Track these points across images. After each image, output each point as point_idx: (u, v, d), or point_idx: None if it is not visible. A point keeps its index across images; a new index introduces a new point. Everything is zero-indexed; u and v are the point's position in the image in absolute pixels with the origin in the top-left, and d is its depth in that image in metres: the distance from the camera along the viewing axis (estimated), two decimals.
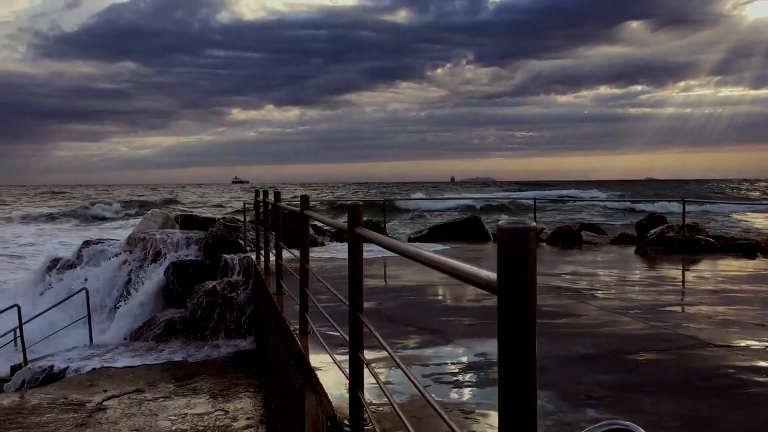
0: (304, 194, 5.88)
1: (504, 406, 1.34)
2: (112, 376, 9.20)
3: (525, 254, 1.32)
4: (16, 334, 11.07)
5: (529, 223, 1.33)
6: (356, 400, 3.54)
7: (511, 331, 1.33)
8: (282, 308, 7.08)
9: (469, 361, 5.17)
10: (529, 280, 1.32)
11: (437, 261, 1.86)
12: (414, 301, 7.91)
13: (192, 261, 12.90)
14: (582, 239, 16.17)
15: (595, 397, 4.23)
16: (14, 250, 30.02)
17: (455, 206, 47.38)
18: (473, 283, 1.56)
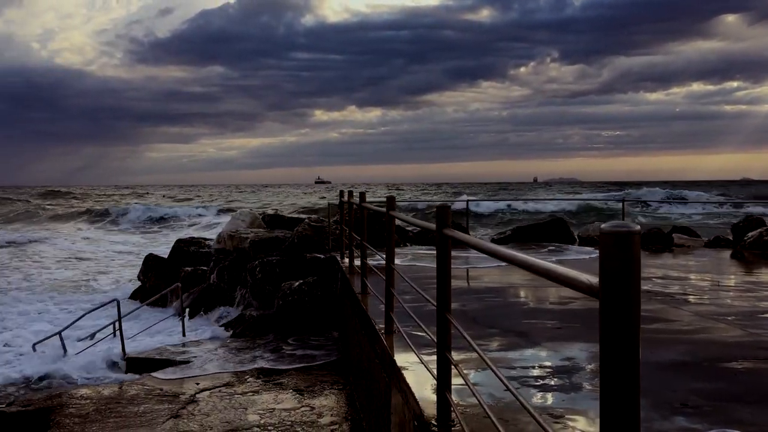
0: (390, 195, 5.94)
1: (606, 413, 1.33)
2: (204, 369, 9.54)
3: (629, 258, 1.30)
4: (116, 327, 11.64)
5: (633, 227, 1.31)
6: (444, 400, 3.55)
7: (614, 337, 1.32)
8: (367, 307, 7.17)
9: (555, 365, 5.09)
10: (633, 285, 1.30)
11: (533, 263, 1.86)
12: (498, 303, 7.84)
13: (278, 260, 13.21)
14: (673, 242, 15.59)
15: (691, 405, 4.09)
16: (125, 248, 31.70)
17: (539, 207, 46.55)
18: (572, 286, 1.55)
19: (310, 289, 11.81)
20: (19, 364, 11.35)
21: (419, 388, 4.30)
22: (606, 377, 1.33)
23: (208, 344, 11.25)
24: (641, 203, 46.01)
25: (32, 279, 21.53)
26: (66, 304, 17.38)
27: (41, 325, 13.63)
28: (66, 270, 23.95)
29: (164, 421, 7.54)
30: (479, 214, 44.15)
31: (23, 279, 21.54)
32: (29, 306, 17.10)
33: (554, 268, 1.67)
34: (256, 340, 11.25)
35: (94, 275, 22.46)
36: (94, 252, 29.93)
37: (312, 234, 13.90)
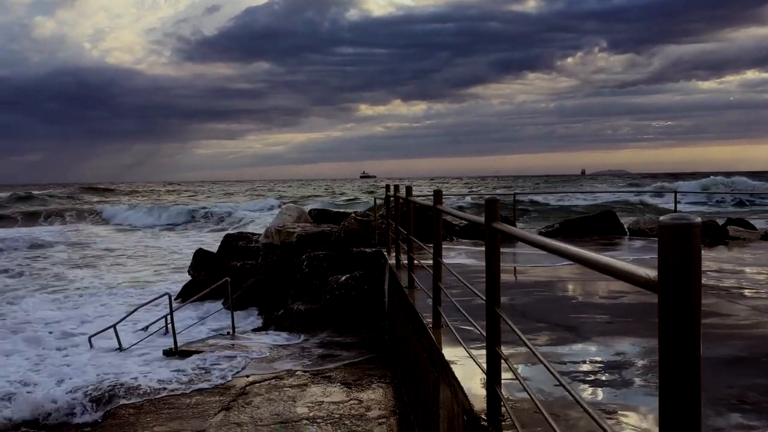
0: (437, 189, 5.92)
1: (666, 410, 1.30)
2: (254, 363, 9.69)
3: (689, 252, 1.27)
4: (167, 320, 11.90)
5: (693, 219, 1.28)
6: (494, 394, 3.53)
7: (674, 332, 1.29)
8: (414, 302, 7.17)
9: (606, 360, 5.01)
10: (694, 279, 1.27)
11: (588, 257, 1.83)
12: (546, 297, 7.75)
13: (325, 254, 13.31)
14: (728, 234, 15.17)
15: (749, 402, 3.98)
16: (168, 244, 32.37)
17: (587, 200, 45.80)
18: (629, 280, 1.52)
19: (356, 284, 11.86)
20: (75, 356, 11.71)
21: (468, 382, 4.28)
22: (666, 373, 1.30)
23: (256, 338, 11.41)
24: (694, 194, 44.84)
25: (101, 276, 22.09)
26: (122, 297, 17.88)
27: (99, 321, 14.00)
28: (129, 266, 24.60)
29: (215, 413, 7.69)
30: (525, 208, 43.74)
31: (93, 276, 22.09)
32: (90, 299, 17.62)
33: (611, 262, 1.64)
34: (304, 334, 11.37)
35: (155, 270, 23.04)
36: (162, 247, 30.57)
37: (358, 228, 13.96)
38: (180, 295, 15.71)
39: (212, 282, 13.84)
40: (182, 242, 32.92)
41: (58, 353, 11.78)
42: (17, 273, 22.97)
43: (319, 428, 7.03)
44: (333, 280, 12.09)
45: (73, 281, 20.95)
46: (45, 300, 17.39)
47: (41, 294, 18.43)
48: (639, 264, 1.55)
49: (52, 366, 10.59)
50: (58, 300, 17.34)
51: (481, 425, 3.60)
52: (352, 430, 6.96)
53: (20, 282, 21.11)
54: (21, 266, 24.67)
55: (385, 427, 7.07)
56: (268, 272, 14.52)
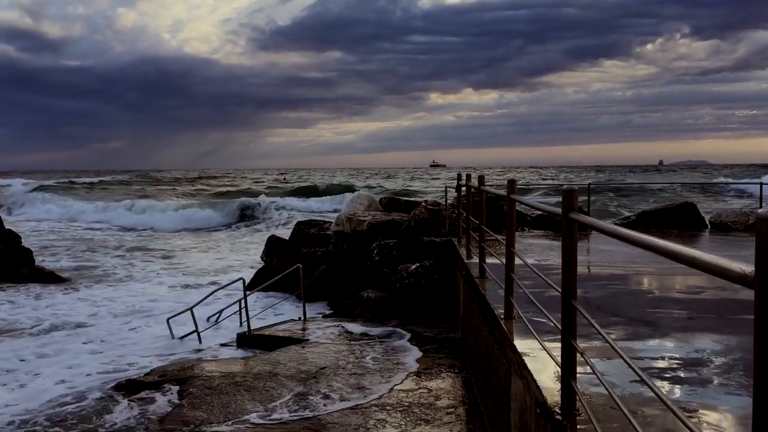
0: (511, 178, 5.85)
1: (761, 411, 1.24)
2: (324, 348, 9.84)
3: None
4: (242, 305, 12.21)
5: None
6: (568, 388, 3.48)
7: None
8: (485, 292, 7.12)
9: (686, 357, 4.85)
10: None
11: (676, 251, 1.76)
12: (622, 291, 7.56)
13: (395, 242, 13.35)
14: None
15: None
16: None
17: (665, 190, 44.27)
18: (722, 275, 1.46)
19: (426, 273, 11.87)
20: (155, 338, 12.18)
21: (541, 375, 4.23)
22: (762, 373, 1.25)
23: (327, 324, 11.58)
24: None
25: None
26: (200, 279, 18.48)
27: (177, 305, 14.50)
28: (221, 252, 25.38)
29: (288, 396, 7.85)
30: (600, 198, 42.64)
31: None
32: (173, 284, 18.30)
33: (701, 256, 1.58)
34: (374, 322, 11.46)
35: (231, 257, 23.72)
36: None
37: (429, 217, 13.94)
38: (253, 281, 16.08)
39: (284, 268, 14.11)
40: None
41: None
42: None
43: (389, 415, 7.08)
44: (403, 269, 12.13)
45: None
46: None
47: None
48: None
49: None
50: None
51: (555, 419, 3.55)
52: (421, 418, 6.99)
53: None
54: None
55: (454, 416, 7.06)
56: (339, 260, 14.69)
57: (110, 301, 15.69)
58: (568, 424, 3.41)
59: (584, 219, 3.20)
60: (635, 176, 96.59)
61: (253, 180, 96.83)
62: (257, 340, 10.94)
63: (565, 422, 3.44)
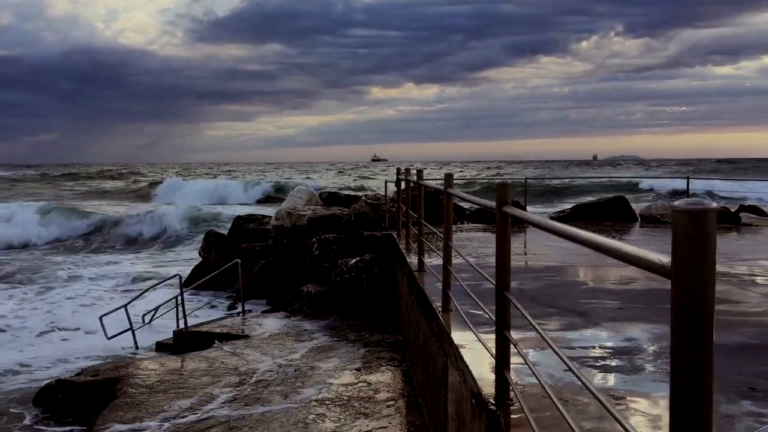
0: (448, 173, 5.90)
1: (677, 395, 1.28)
2: (263, 344, 9.74)
3: (703, 237, 1.25)
4: (178, 301, 11.97)
5: (708, 204, 1.26)
6: (502, 379, 3.53)
7: (687, 318, 1.27)
8: (424, 285, 7.17)
9: (616, 346, 4.99)
10: (708, 265, 1.25)
11: (601, 242, 1.81)
12: (556, 282, 7.73)
13: (336, 237, 13.32)
14: (741, 221, 15.06)
15: (760, 389, 3.96)
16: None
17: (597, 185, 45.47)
18: (642, 266, 1.50)
19: (366, 267, 11.88)
20: (86, 336, 11.83)
21: (477, 366, 4.28)
22: (678, 360, 1.28)
23: (266, 320, 11.47)
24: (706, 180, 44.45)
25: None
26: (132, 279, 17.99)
27: (109, 301, 14.11)
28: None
29: (224, 393, 7.74)
30: (536, 192, 43.49)
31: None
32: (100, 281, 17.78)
33: (624, 248, 1.62)
34: (314, 317, 11.41)
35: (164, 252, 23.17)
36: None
37: (369, 212, 13.96)
38: (190, 277, 15.78)
39: (223, 264, 13.90)
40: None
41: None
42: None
43: (328, 410, 7.07)
44: (343, 263, 12.11)
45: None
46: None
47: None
48: (651, 250, 1.53)
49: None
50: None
51: (489, 409, 3.60)
52: (360, 412, 7.00)
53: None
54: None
55: (393, 409, 7.10)
56: (279, 255, 14.57)
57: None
58: (501, 414, 3.47)
59: (517, 213, 3.25)
60: (571, 170, 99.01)
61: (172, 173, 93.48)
62: (194, 337, 10.75)
63: (498, 412, 3.49)
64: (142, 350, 11.18)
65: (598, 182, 46.27)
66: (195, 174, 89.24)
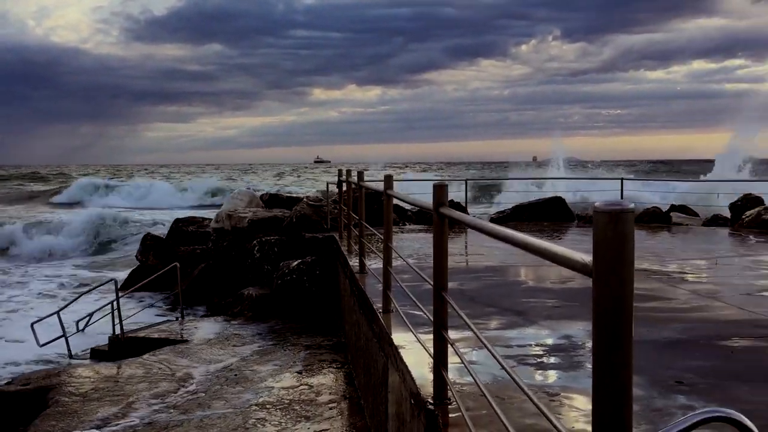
0: (388, 174, 5.92)
1: (599, 391, 1.32)
2: (202, 349, 9.58)
3: (622, 237, 1.29)
4: (114, 306, 11.66)
5: (627, 205, 1.30)
6: (440, 378, 3.57)
7: (607, 316, 1.31)
8: (365, 287, 7.18)
9: (553, 344, 5.11)
10: (626, 264, 1.29)
11: (529, 242, 1.84)
12: (496, 282, 7.85)
13: (277, 239, 13.21)
14: (672, 220, 15.60)
15: (687, 383, 4.11)
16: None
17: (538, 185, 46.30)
18: (567, 265, 1.54)
19: (308, 269, 11.82)
20: (16, 345, 11.41)
21: (417, 366, 4.31)
22: (599, 357, 1.32)
23: (206, 324, 11.29)
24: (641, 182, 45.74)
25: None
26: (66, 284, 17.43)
27: (43, 308, 13.65)
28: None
29: (162, 399, 7.58)
30: (478, 193, 43.97)
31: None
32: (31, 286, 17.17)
33: (549, 247, 1.66)
34: (255, 320, 11.29)
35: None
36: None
37: (311, 213, 13.89)
38: (127, 282, 15.40)
39: (161, 267, 13.61)
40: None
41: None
42: None
43: (269, 414, 7.00)
44: (284, 266, 12.02)
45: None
46: None
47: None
48: (578, 249, 1.57)
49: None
50: None
51: (427, 408, 3.63)
52: (301, 415, 6.95)
53: None
54: None
55: (335, 411, 7.08)
56: (219, 258, 14.36)
57: None
58: (439, 414, 3.50)
59: (453, 214, 3.29)
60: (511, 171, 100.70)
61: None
62: (131, 343, 10.50)
63: (436, 412, 3.52)
64: (76, 357, 10.84)
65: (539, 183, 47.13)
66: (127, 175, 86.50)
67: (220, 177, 77.10)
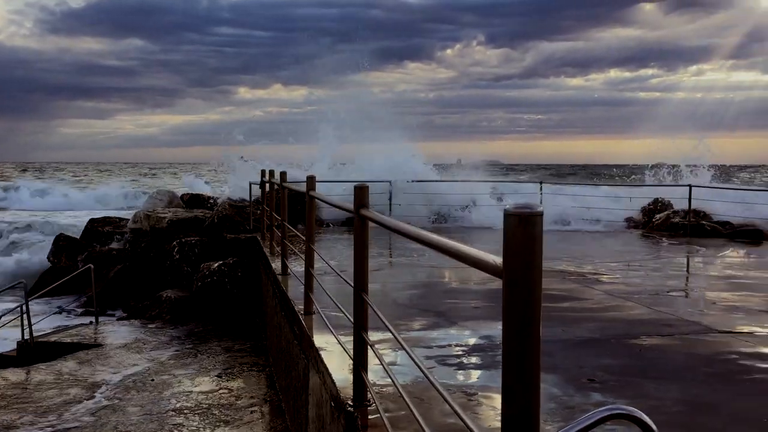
0: (311, 175, 5.88)
1: (508, 390, 1.34)
2: (117, 353, 9.27)
3: (531, 239, 1.31)
4: (23, 310, 11.12)
5: (536, 208, 1.32)
6: (360, 380, 3.56)
7: (516, 316, 1.33)
8: (287, 288, 7.11)
9: (473, 344, 5.19)
10: (535, 266, 1.32)
11: (443, 244, 1.86)
12: (420, 283, 7.92)
13: (197, 240, 12.93)
14: None
15: (598, 381, 4.25)
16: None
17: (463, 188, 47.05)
18: (479, 266, 1.56)
19: (230, 270, 11.62)
20: None
21: (337, 369, 4.29)
22: (509, 355, 1.34)
23: (121, 327, 10.92)
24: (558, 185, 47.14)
25: None
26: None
27: None
28: None
29: (74, 407, 7.29)
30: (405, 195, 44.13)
31: None
32: None
33: (463, 249, 1.68)
34: (174, 323, 11.01)
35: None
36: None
37: (233, 214, 13.66)
38: (37, 284, 14.72)
39: (75, 269, 13.09)
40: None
41: None
42: None
43: (186, 419, 6.83)
44: (205, 267, 11.77)
45: None
46: None
47: None
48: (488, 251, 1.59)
49: None
50: None
51: (347, 411, 3.62)
52: (221, 419, 6.82)
53: None
54: None
55: (255, 415, 6.98)
56: (136, 259, 13.92)
57: None
58: (358, 415, 3.49)
59: (374, 216, 3.29)
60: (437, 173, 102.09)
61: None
62: (41, 348, 10.04)
63: (356, 414, 3.51)
64: None
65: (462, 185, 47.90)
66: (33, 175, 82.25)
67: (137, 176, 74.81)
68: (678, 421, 3.63)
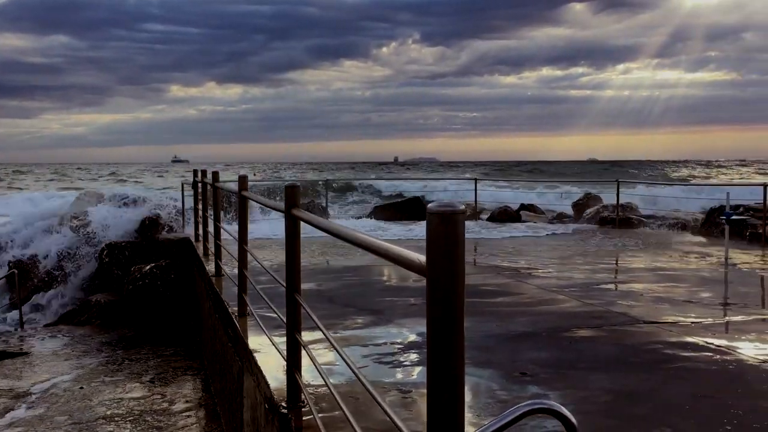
0: (243, 175, 5.79)
1: (432, 387, 1.34)
2: (44, 361, 8.93)
3: (453, 237, 1.31)
4: None
5: (458, 207, 1.33)
6: (293, 382, 3.52)
7: (440, 313, 1.33)
8: (221, 290, 6.99)
9: (408, 342, 5.21)
10: (457, 263, 1.32)
11: (370, 243, 1.85)
12: (356, 282, 7.91)
13: (127, 242, 12.59)
14: (521, 219, 16.47)
15: (530, 374, 4.32)
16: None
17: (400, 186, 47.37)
18: (404, 264, 1.56)
19: (162, 273, 11.35)
20: None
21: (271, 370, 4.24)
22: (433, 352, 1.34)
23: (50, 334, 10.53)
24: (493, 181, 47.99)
25: None
26: None
27: None
28: None
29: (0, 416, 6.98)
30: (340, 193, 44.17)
31: None
32: None
33: (388, 248, 1.67)
34: (104, 328, 10.67)
35: None
36: None
37: (165, 215, 13.35)
38: None
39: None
40: None
41: None
42: None
43: (117, 427, 6.63)
44: (136, 270, 11.46)
45: None
46: None
47: None
48: (416, 250, 1.59)
49: None
50: None
51: (281, 412, 3.58)
52: (154, 426, 6.65)
53: None
54: None
55: (191, 419, 6.84)
56: (62, 263, 13.43)
57: None
58: (292, 417, 3.45)
59: (304, 215, 3.26)
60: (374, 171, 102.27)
61: None
62: None
63: (290, 415, 3.48)
64: None
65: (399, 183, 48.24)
66: None
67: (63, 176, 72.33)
68: (606, 410, 3.73)
